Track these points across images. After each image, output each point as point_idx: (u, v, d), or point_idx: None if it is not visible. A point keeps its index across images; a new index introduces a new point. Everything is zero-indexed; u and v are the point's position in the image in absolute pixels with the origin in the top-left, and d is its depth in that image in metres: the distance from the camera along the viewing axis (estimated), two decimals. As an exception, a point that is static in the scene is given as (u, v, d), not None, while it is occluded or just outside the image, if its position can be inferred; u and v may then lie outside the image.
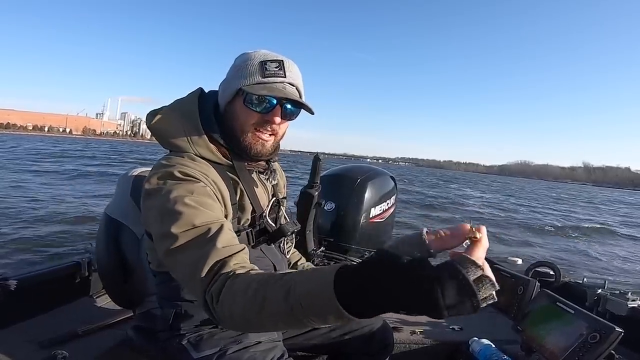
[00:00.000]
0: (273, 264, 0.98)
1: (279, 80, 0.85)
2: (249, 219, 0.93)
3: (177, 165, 0.80)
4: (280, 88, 0.85)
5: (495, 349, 1.37)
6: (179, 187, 0.76)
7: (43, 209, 7.13)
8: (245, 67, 0.86)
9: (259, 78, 0.84)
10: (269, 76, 0.84)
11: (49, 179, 12.49)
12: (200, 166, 0.84)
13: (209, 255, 0.68)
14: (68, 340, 1.29)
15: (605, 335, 1.09)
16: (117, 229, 1.11)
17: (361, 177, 2.29)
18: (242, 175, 0.92)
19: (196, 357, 0.86)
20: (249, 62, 0.86)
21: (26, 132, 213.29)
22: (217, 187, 0.84)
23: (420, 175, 46.22)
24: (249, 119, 0.86)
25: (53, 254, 4.31)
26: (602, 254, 7.54)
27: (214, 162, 0.88)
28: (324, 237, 2.16)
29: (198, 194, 0.76)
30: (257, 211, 0.94)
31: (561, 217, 14.20)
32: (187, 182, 0.78)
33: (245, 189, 0.92)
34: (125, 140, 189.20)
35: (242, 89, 0.85)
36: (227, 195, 0.86)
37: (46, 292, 1.50)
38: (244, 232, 0.91)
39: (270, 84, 0.84)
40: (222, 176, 0.88)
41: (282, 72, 0.85)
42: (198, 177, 0.80)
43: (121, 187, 1.17)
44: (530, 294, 1.62)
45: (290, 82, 0.86)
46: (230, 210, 0.86)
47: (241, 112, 0.87)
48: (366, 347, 1.10)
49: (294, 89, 0.88)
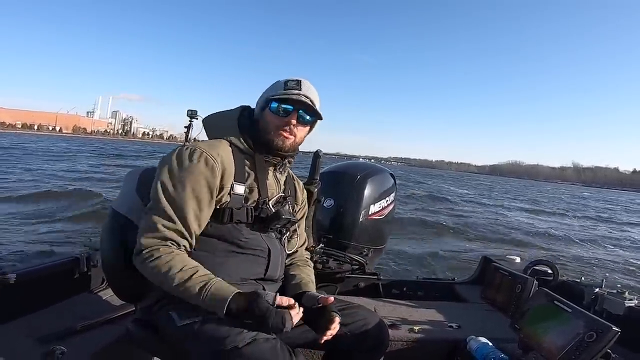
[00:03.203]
0: (268, 247, 1.12)
1: (295, 92, 1.10)
2: (255, 201, 1.10)
3: (204, 147, 1.04)
4: (295, 98, 1.09)
5: (492, 347, 1.38)
6: (191, 167, 1.01)
7: (43, 204, 7.13)
8: (273, 86, 1.14)
9: (281, 91, 1.10)
10: (288, 89, 1.10)
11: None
12: (221, 148, 1.07)
13: (168, 225, 0.98)
14: (66, 336, 1.29)
15: (602, 334, 1.09)
16: (123, 223, 1.13)
17: (361, 174, 2.29)
18: (258, 164, 1.13)
19: (179, 325, 0.96)
20: (276, 83, 1.14)
21: (15, 130, 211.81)
22: (225, 165, 1.05)
23: (414, 175, 46.55)
24: (273, 121, 1.11)
25: (52, 249, 4.31)
26: (600, 253, 7.57)
27: (239, 149, 1.12)
28: (323, 234, 2.17)
29: (197, 180, 1.00)
30: (262, 195, 1.11)
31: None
32: (198, 164, 1.01)
33: (257, 175, 1.12)
34: (117, 139, 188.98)
35: (268, 99, 1.11)
36: (230, 173, 1.06)
37: (45, 288, 1.50)
38: (244, 208, 1.08)
39: (288, 95, 1.09)
40: (240, 160, 1.10)
41: (299, 87, 1.11)
42: (213, 156, 1.03)
43: (128, 183, 1.19)
44: (528, 292, 1.62)
45: (305, 94, 1.10)
46: (228, 183, 1.05)
47: (268, 116, 1.12)
48: (361, 344, 1.11)
49: (308, 100, 1.10)
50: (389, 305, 1.93)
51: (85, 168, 17.69)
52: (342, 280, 2.25)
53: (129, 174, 1.24)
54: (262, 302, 0.91)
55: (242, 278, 1.06)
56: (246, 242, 1.08)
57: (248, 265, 1.08)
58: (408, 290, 2.36)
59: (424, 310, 1.88)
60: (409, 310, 1.87)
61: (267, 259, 1.11)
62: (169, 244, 0.98)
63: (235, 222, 1.06)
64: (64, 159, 22.79)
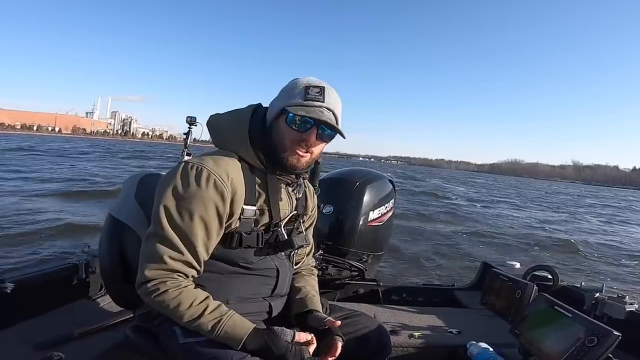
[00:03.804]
0: (277, 267, 1.05)
1: (317, 104, 0.95)
2: (266, 224, 1.02)
3: (212, 167, 0.92)
4: (317, 111, 0.95)
5: (493, 353, 1.37)
6: (199, 192, 0.90)
7: (42, 211, 7.11)
8: (292, 89, 0.98)
9: (301, 100, 0.95)
10: (310, 99, 0.95)
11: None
12: (230, 166, 0.95)
13: (175, 256, 0.89)
14: (64, 342, 1.28)
15: (603, 338, 1.09)
16: (121, 230, 1.12)
17: (360, 180, 2.29)
18: (270, 183, 1.01)
19: (182, 342, 0.92)
20: (295, 85, 0.98)
21: (14, 131, 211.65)
22: (235, 188, 0.94)
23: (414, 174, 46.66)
24: (288, 136, 0.97)
25: (51, 256, 4.29)
26: (598, 255, 7.56)
27: (250, 164, 0.99)
28: (323, 241, 2.16)
29: (206, 207, 0.90)
30: (274, 218, 1.02)
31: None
32: (207, 189, 0.90)
33: (269, 196, 1.01)
34: (117, 140, 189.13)
35: (285, 109, 0.95)
36: (241, 196, 0.95)
37: (43, 294, 1.50)
38: (254, 233, 0.99)
39: (309, 107, 0.95)
40: (250, 179, 0.99)
41: (322, 97, 0.96)
42: (223, 179, 0.92)
43: (127, 189, 1.18)
44: (528, 297, 1.62)
45: (327, 107, 0.96)
46: (238, 208, 0.95)
47: (283, 129, 0.97)
48: (362, 350, 1.10)
49: (330, 113, 0.97)
50: (388, 311, 1.92)
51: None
52: (341, 287, 2.25)
53: (128, 179, 1.22)
54: (281, 341, 0.88)
55: (249, 297, 1.02)
56: (255, 265, 1.01)
57: (256, 286, 1.03)
58: (408, 296, 2.35)
59: (424, 316, 1.87)
60: (408, 316, 1.86)
61: (276, 279, 1.05)
62: (176, 276, 0.90)
63: (245, 247, 0.99)
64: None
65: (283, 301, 1.11)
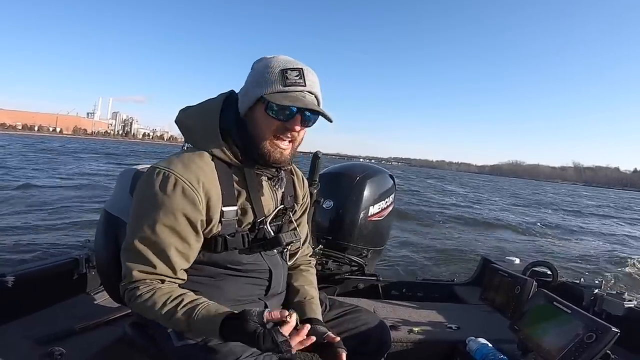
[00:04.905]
0: (270, 268, 1.01)
1: (299, 89, 0.88)
2: (251, 223, 0.96)
3: (179, 171, 0.86)
4: (300, 97, 0.88)
5: (492, 348, 1.38)
6: (166, 200, 0.84)
7: (42, 205, 7.12)
8: (265, 74, 0.88)
9: (280, 87, 0.87)
10: (290, 85, 0.87)
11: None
12: (202, 168, 0.88)
13: (146, 269, 0.86)
14: (65, 337, 1.29)
15: (602, 335, 1.09)
16: (116, 225, 1.10)
17: (360, 175, 2.28)
18: (249, 179, 0.95)
19: (177, 345, 0.90)
20: (269, 69, 0.88)
21: (15, 131, 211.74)
22: (209, 191, 0.88)
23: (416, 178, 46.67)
24: (269, 126, 0.90)
25: (51, 250, 4.30)
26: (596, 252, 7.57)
27: (224, 162, 0.92)
28: (323, 235, 2.16)
29: (175, 216, 0.85)
30: (258, 216, 0.96)
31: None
32: (174, 197, 0.84)
33: (250, 193, 0.95)
34: (117, 140, 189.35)
35: (263, 97, 0.87)
36: (217, 198, 0.90)
37: (44, 289, 1.50)
38: (239, 234, 0.94)
39: (291, 93, 0.87)
40: (226, 177, 0.92)
41: (302, 81, 0.88)
42: (193, 185, 0.85)
43: (121, 183, 1.16)
44: (528, 293, 1.62)
45: (309, 90, 0.89)
46: (216, 212, 0.90)
47: (262, 119, 0.90)
48: (363, 346, 1.10)
49: (312, 97, 0.91)
50: (388, 306, 1.93)
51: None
52: (341, 282, 2.25)
53: (121, 173, 1.19)
54: (249, 323, 0.77)
55: (243, 299, 0.98)
56: (245, 266, 0.97)
57: (249, 287, 1.00)
58: (407, 291, 2.35)
59: (424, 312, 1.88)
60: (408, 312, 1.87)
61: (269, 280, 1.01)
62: (148, 282, 0.87)
63: (231, 249, 0.94)
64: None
65: (280, 299, 1.09)
